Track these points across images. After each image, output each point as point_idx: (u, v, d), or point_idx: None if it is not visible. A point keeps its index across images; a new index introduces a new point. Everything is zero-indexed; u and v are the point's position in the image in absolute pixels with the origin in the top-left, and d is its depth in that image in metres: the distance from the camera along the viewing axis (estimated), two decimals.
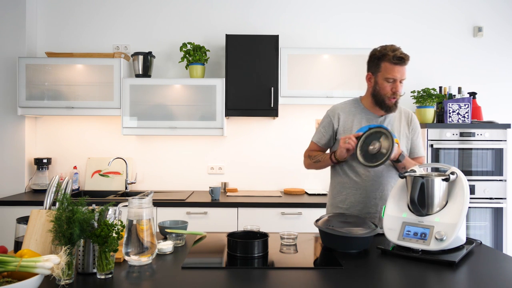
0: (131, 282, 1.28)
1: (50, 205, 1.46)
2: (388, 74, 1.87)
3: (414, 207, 1.60)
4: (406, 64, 1.86)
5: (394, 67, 1.85)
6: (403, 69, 1.86)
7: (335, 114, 2.03)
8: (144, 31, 3.56)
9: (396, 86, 1.87)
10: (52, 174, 3.48)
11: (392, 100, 1.90)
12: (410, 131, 2.01)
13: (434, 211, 1.58)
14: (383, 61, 1.87)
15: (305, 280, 1.29)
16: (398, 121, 1.99)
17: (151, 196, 1.51)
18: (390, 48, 1.87)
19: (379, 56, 1.89)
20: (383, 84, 1.90)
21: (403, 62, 1.85)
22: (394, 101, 1.90)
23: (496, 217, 3.02)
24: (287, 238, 1.72)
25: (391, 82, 1.88)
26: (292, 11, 3.56)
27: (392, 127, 1.97)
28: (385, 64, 1.87)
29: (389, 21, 3.57)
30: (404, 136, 1.98)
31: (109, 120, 3.53)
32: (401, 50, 1.86)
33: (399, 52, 1.84)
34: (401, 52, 1.84)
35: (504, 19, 3.59)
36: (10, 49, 3.33)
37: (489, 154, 3.02)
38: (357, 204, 1.96)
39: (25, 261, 1.09)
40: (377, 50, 1.91)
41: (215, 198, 3.03)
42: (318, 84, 3.22)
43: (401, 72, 1.86)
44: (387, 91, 1.89)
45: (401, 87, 1.89)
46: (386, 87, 1.89)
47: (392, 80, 1.87)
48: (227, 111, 3.21)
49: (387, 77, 1.87)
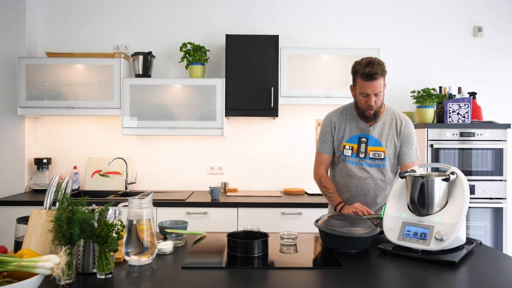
0: (131, 282, 1.28)
1: (50, 205, 1.46)
2: (361, 89, 1.93)
3: (414, 207, 1.60)
4: (378, 79, 1.88)
5: (365, 83, 1.90)
6: (375, 84, 1.89)
7: (331, 122, 2.11)
8: (144, 31, 3.56)
9: (369, 100, 1.92)
10: (52, 174, 3.48)
11: (369, 112, 1.96)
12: (400, 140, 2.04)
13: (434, 211, 1.58)
14: (357, 76, 1.94)
15: (305, 280, 1.29)
16: (388, 128, 2.04)
17: (151, 196, 1.51)
18: (364, 62, 1.90)
19: (353, 71, 1.96)
20: (359, 97, 1.97)
21: (373, 78, 1.88)
22: (372, 112, 1.96)
23: (496, 217, 3.02)
24: (287, 238, 1.72)
25: (365, 96, 1.93)
26: (292, 11, 3.56)
27: (381, 134, 2.03)
28: (358, 79, 1.93)
29: (389, 21, 3.57)
30: (392, 143, 2.03)
31: (109, 120, 3.53)
32: (375, 65, 1.87)
33: (368, 70, 1.86)
34: (370, 69, 1.86)
35: (504, 19, 3.59)
36: (10, 49, 3.33)
37: (489, 154, 3.02)
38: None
39: (25, 261, 1.09)
40: (355, 63, 1.96)
41: (215, 198, 3.03)
42: (318, 84, 3.22)
43: (373, 87, 1.89)
44: (362, 104, 1.96)
45: (378, 99, 1.93)
46: (361, 100, 1.96)
47: (365, 95, 1.93)
48: (227, 111, 3.21)
49: (361, 92, 1.94)
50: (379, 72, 1.87)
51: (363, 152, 2.02)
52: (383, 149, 2.01)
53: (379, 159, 2.01)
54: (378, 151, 2.02)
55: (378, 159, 2.02)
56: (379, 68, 1.87)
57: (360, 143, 2.03)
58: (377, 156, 2.02)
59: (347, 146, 2.05)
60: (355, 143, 2.04)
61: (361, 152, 2.03)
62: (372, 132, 2.03)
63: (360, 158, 2.03)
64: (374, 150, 2.02)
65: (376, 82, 1.89)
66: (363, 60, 1.92)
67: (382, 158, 2.01)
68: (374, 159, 2.02)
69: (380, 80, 1.90)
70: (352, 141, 2.05)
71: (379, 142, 2.02)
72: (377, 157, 2.02)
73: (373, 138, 2.02)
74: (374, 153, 2.02)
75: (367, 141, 2.03)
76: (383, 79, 1.92)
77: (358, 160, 2.03)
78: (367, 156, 2.02)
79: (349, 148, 2.04)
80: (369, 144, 2.02)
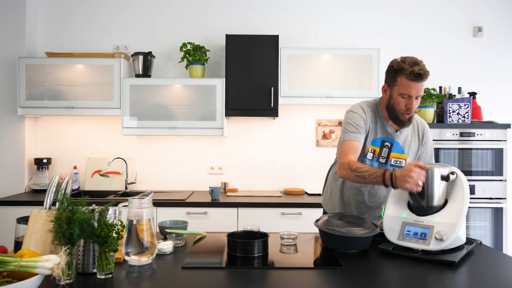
0: (131, 282, 1.28)
1: (50, 205, 1.45)
2: (403, 90, 1.76)
3: (414, 198, 1.59)
4: (424, 81, 1.74)
5: (411, 83, 1.73)
6: (421, 85, 1.74)
7: (365, 113, 1.88)
8: (144, 31, 3.56)
9: (411, 103, 1.76)
10: (52, 174, 3.48)
11: (406, 116, 1.80)
12: (421, 146, 1.94)
13: (435, 203, 1.57)
14: (400, 75, 1.76)
15: (305, 280, 1.29)
16: (411, 135, 1.92)
17: (151, 196, 1.51)
18: (410, 61, 1.74)
19: (396, 69, 1.77)
20: (397, 99, 1.79)
21: (421, 78, 1.72)
22: (408, 116, 1.80)
23: (496, 217, 3.02)
24: (287, 238, 1.72)
25: (406, 98, 1.76)
26: (292, 11, 3.56)
27: (405, 141, 1.90)
28: (401, 79, 1.75)
29: (389, 21, 3.57)
30: (414, 150, 1.93)
31: (109, 120, 3.53)
32: (421, 65, 1.73)
33: (418, 68, 1.70)
34: (420, 68, 1.71)
35: (504, 19, 3.59)
36: (10, 49, 3.33)
37: (489, 154, 3.02)
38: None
39: (25, 261, 1.09)
40: (395, 61, 1.79)
41: (215, 198, 3.03)
42: (318, 84, 3.22)
43: (418, 88, 1.74)
44: (401, 106, 1.79)
45: (417, 103, 1.78)
46: (400, 102, 1.78)
47: (407, 96, 1.76)
48: (227, 111, 3.21)
49: (402, 93, 1.76)
50: (427, 73, 1.72)
51: (385, 157, 1.88)
52: (405, 156, 1.89)
53: (399, 166, 1.87)
54: (400, 159, 1.89)
55: (399, 166, 1.87)
56: (426, 69, 1.72)
57: (383, 147, 1.88)
58: (398, 163, 1.88)
59: (371, 149, 1.88)
60: (378, 146, 1.88)
61: (382, 157, 1.88)
62: (397, 138, 1.88)
63: (380, 163, 1.88)
64: (396, 157, 1.88)
65: (422, 83, 1.74)
66: (407, 59, 1.75)
67: (402, 166, 1.87)
68: (395, 166, 1.87)
69: (424, 83, 1.75)
70: (375, 144, 1.88)
71: (402, 149, 1.89)
72: (397, 165, 1.88)
73: (398, 144, 1.88)
74: (396, 160, 1.88)
75: (390, 147, 1.88)
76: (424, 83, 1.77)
77: (378, 165, 1.89)
78: (388, 162, 1.88)
79: (371, 151, 1.88)
80: (393, 150, 1.88)
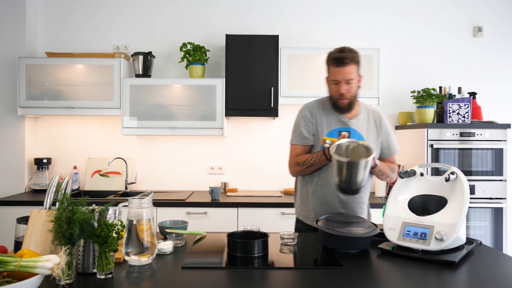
0: (131, 282, 1.28)
1: (50, 205, 1.46)
2: (331, 76, 1.88)
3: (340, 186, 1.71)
4: (349, 65, 1.82)
5: (335, 69, 1.84)
6: (346, 70, 1.82)
7: (311, 112, 1.98)
8: (144, 31, 3.56)
9: (340, 88, 1.85)
10: (52, 174, 3.48)
11: (342, 102, 1.89)
12: (381, 133, 1.98)
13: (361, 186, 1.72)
14: (328, 63, 1.89)
15: (305, 280, 1.29)
16: (367, 123, 1.97)
17: (151, 196, 1.51)
18: (336, 49, 1.85)
19: (326, 59, 1.90)
20: (330, 86, 1.91)
21: (343, 63, 1.81)
22: (346, 102, 1.88)
23: (496, 217, 3.02)
24: (287, 238, 1.72)
25: (336, 84, 1.87)
26: (292, 11, 3.56)
27: (362, 128, 1.95)
28: (329, 66, 1.88)
29: (389, 21, 3.57)
30: (373, 138, 1.96)
31: (109, 120, 3.53)
32: (345, 52, 1.82)
33: (337, 55, 1.82)
34: (339, 55, 1.81)
35: (504, 19, 3.59)
36: (10, 49, 3.33)
37: (489, 154, 3.02)
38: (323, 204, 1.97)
39: (25, 261, 1.09)
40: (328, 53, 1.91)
41: (215, 198, 3.03)
42: (318, 84, 3.20)
43: (343, 73, 1.83)
44: (334, 93, 1.90)
45: (350, 87, 1.86)
46: (332, 89, 1.90)
47: (336, 82, 1.86)
48: (227, 111, 3.21)
49: (331, 79, 1.88)
50: (350, 58, 1.81)
51: None
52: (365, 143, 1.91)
53: None
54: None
55: None
56: (350, 54, 1.82)
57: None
58: None
59: (328, 140, 1.92)
60: (335, 137, 1.92)
61: None
62: (354, 126, 1.93)
63: None
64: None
65: (347, 68, 1.82)
66: (337, 48, 1.87)
67: None
68: None
69: (351, 67, 1.83)
70: (332, 135, 1.92)
71: (362, 137, 1.92)
72: None
73: (356, 132, 1.93)
74: None
75: (349, 135, 1.92)
76: (356, 67, 1.85)
77: None
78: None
79: (329, 143, 1.90)
80: (351, 137, 1.91)
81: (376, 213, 2.93)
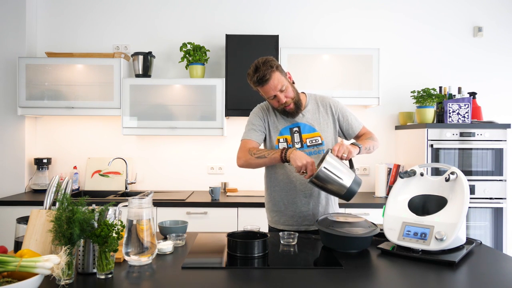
0: (131, 282, 1.28)
1: (50, 205, 1.45)
2: (265, 95, 1.91)
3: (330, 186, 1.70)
4: (272, 78, 1.83)
5: (263, 88, 1.86)
6: (272, 83, 1.84)
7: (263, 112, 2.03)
8: (144, 31, 3.56)
9: (279, 99, 1.88)
10: (52, 174, 3.48)
11: (288, 108, 1.91)
12: (337, 117, 2.01)
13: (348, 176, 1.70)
14: (254, 86, 1.91)
15: (305, 280, 1.29)
16: (317, 113, 2.00)
17: (151, 196, 1.51)
18: (252, 70, 1.86)
19: (250, 82, 1.91)
20: (270, 102, 1.94)
21: (265, 81, 1.83)
22: (291, 107, 1.91)
23: (496, 217, 3.02)
24: (287, 238, 1.72)
25: (273, 98, 1.89)
26: (292, 11, 3.56)
27: (312, 120, 1.98)
28: (257, 88, 1.90)
29: (389, 21, 3.57)
30: (330, 125, 2.00)
31: (109, 120, 3.53)
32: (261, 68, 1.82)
33: (256, 76, 1.83)
34: (257, 76, 1.82)
35: (504, 19, 3.59)
36: (10, 49, 3.33)
37: (489, 154, 3.02)
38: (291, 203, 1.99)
39: (25, 261, 1.09)
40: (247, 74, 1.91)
41: (215, 198, 3.03)
42: (318, 84, 3.22)
43: (272, 87, 1.85)
44: (276, 106, 1.93)
45: (287, 93, 1.88)
46: (272, 102, 1.93)
47: (272, 97, 1.89)
48: (227, 111, 3.21)
49: (267, 97, 1.91)
50: (268, 71, 1.82)
51: (299, 141, 1.95)
52: (318, 134, 1.96)
53: (317, 144, 1.95)
54: (314, 137, 1.95)
55: (316, 145, 1.95)
56: (265, 68, 1.82)
57: (293, 134, 1.96)
58: (314, 142, 1.95)
59: (281, 139, 1.97)
60: (288, 134, 1.96)
61: (296, 142, 1.95)
62: (302, 120, 1.97)
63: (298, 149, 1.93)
64: (309, 137, 1.95)
65: (271, 81, 1.83)
66: (250, 69, 1.88)
67: (320, 143, 1.95)
68: (312, 146, 1.94)
69: (274, 77, 1.83)
70: (284, 133, 1.97)
71: (313, 128, 1.96)
72: (314, 143, 1.95)
73: (305, 125, 1.96)
74: (310, 140, 1.95)
75: (299, 130, 1.96)
76: (278, 73, 1.85)
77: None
78: (304, 145, 1.95)
79: (283, 141, 1.96)
80: (302, 132, 1.96)
81: (376, 213, 2.95)
